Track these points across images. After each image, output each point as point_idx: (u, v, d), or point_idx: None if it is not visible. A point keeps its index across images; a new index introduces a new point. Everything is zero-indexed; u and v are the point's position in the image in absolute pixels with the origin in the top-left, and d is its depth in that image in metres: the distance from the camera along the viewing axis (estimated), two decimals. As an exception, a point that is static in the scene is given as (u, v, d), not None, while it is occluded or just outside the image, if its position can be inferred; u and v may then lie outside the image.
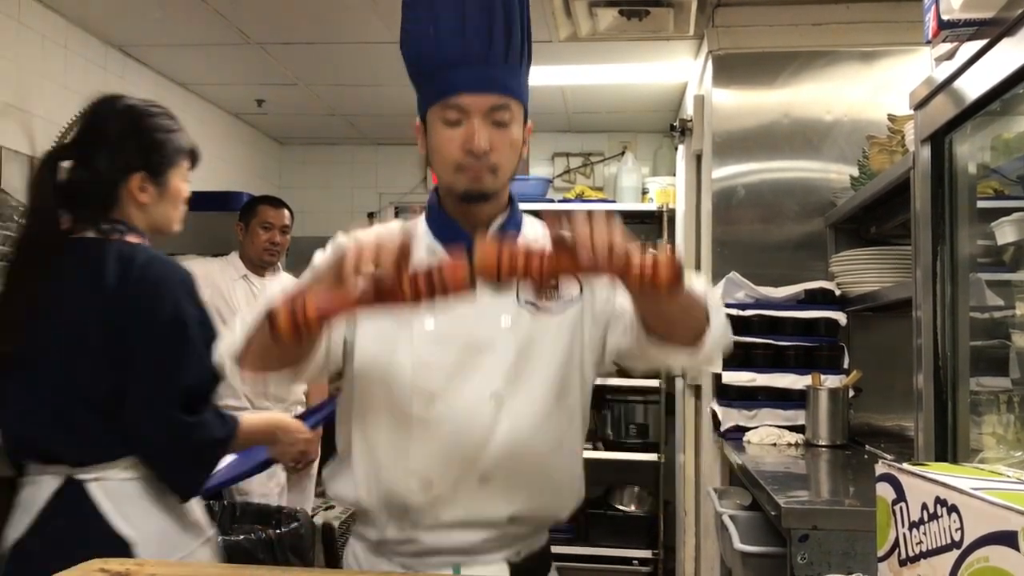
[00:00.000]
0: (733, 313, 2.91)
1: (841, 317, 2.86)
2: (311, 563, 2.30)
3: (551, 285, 1.01)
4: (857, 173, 2.91)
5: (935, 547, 0.67)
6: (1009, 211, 1.67)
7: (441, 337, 1.29)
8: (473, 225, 1.31)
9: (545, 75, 3.99)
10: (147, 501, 1.62)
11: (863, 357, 2.87)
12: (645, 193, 4.70)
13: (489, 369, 1.28)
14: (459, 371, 1.28)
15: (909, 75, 2.85)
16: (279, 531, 2.17)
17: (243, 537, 2.11)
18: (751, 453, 2.60)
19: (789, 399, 2.82)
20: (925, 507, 0.69)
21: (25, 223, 1.74)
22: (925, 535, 0.68)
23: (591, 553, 4.33)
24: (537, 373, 1.30)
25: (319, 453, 3.34)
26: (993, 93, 1.46)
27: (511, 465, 1.28)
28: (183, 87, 4.35)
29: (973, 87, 1.51)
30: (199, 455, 1.66)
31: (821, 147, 3.14)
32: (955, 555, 0.64)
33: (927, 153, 1.75)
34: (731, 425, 2.86)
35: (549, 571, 1.40)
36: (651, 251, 0.99)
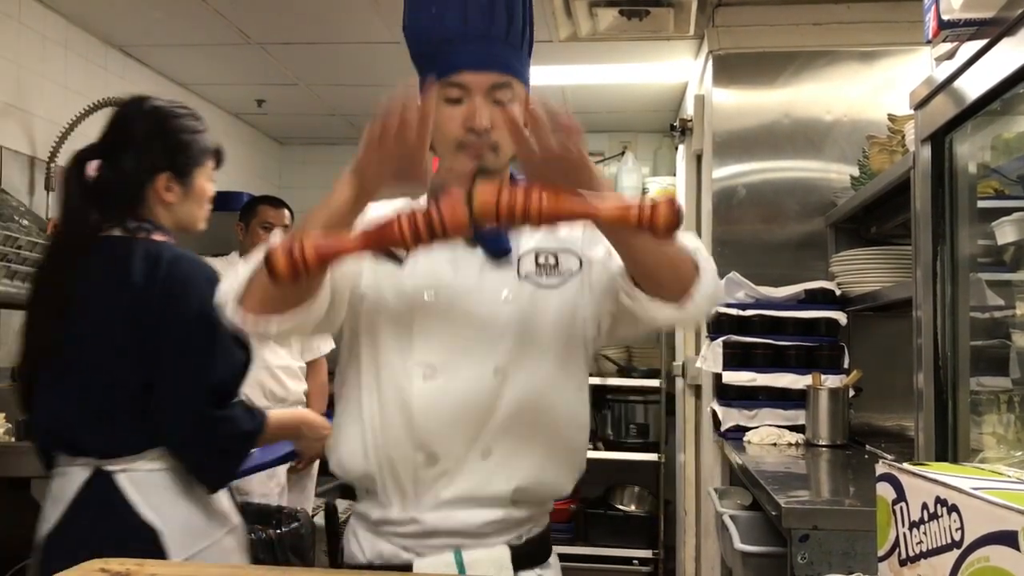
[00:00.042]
0: (734, 313, 2.91)
1: (841, 317, 2.86)
2: (311, 563, 2.30)
3: (550, 228, 1.00)
4: (857, 173, 2.91)
5: (935, 547, 0.67)
6: (1009, 211, 1.67)
7: (442, 310, 1.29)
8: None
9: (545, 75, 3.99)
10: (174, 491, 1.66)
11: (863, 357, 2.87)
12: (645, 193, 4.70)
13: (492, 343, 1.29)
14: (461, 345, 1.28)
15: (909, 75, 2.85)
16: (279, 531, 2.16)
17: (243, 537, 2.11)
18: (751, 453, 2.60)
19: (789, 399, 2.82)
20: (925, 507, 0.69)
21: (57, 222, 1.77)
22: (925, 535, 0.68)
23: (591, 553, 4.33)
24: (540, 347, 1.31)
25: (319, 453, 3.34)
26: (993, 93, 1.46)
27: (514, 438, 1.28)
28: (183, 87, 4.35)
29: (973, 87, 1.51)
30: (228, 448, 1.70)
31: (821, 147, 3.14)
32: (955, 555, 0.64)
33: (927, 153, 1.75)
34: (731, 425, 2.86)
35: (550, 555, 1.40)
36: (650, 197, 0.98)
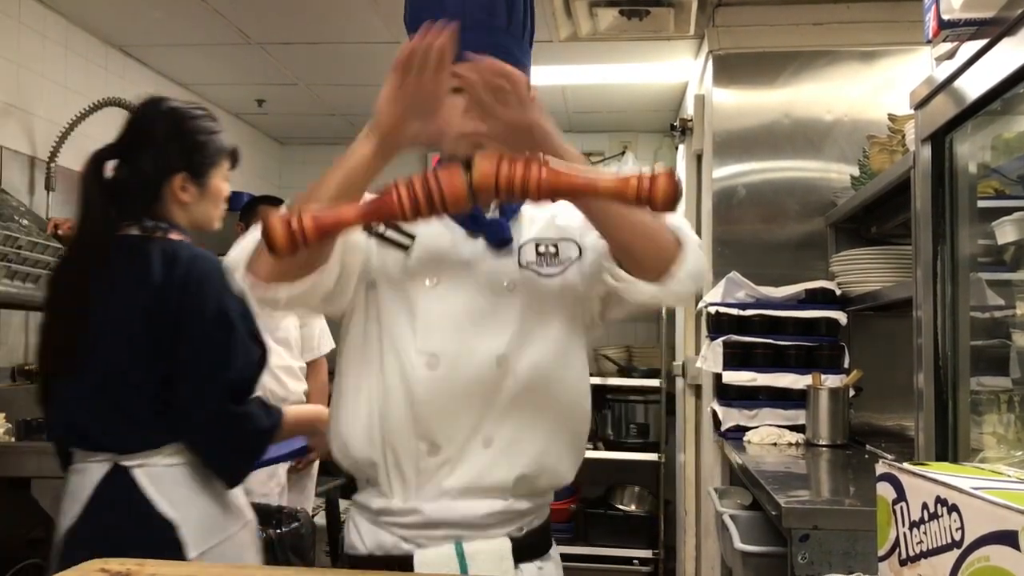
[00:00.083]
0: (734, 313, 2.91)
1: (841, 317, 2.86)
2: (311, 563, 2.30)
3: (549, 201, 0.99)
4: (858, 173, 2.91)
5: (936, 547, 0.67)
6: (1010, 210, 1.67)
7: (444, 299, 1.29)
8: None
9: (545, 75, 3.98)
10: (191, 486, 1.68)
11: (864, 357, 2.87)
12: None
13: (494, 333, 1.29)
14: (463, 334, 1.28)
15: (909, 75, 2.85)
16: (279, 531, 2.17)
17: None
18: (751, 453, 2.60)
19: (789, 399, 2.82)
20: (925, 507, 0.69)
21: (76, 221, 1.79)
22: (925, 535, 0.68)
23: (591, 553, 4.33)
24: (541, 335, 1.31)
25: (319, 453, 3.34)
26: (993, 93, 1.46)
27: (516, 427, 1.29)
28: (183, 87, 4.34)
29: (973, 87, 1.51)
30: (246, 444, 1.72)
31: (822, 147, 3.14)
32: (955, 555, 0.64)
33: (927, 153, 1.75)
34: (731, 425, 2.86)
35: (550, 548, 1.40)
36: (646, 169, 0.97)
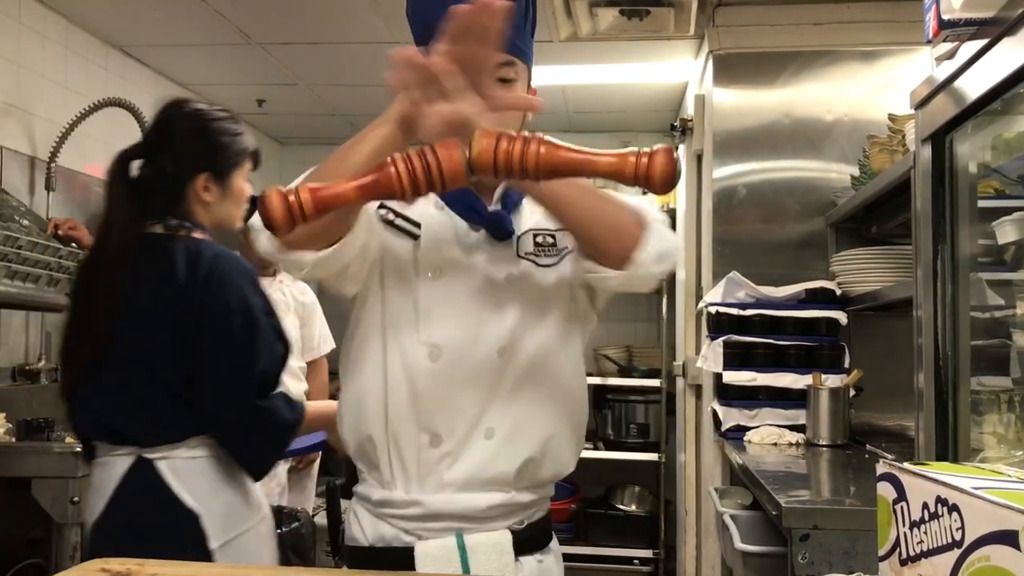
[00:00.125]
0: (734, 313, 2.92)
1: (842, 316, 2.86)
2: (312, 563, 2.30)
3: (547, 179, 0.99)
4: (858, 172, 2.91)
5: (936, 546, 0.67)
6: (1010, 210, 1.67)
7: (445, 290, 1.29)
8: (479, 189, 1.32)
9: (545, 75, 3.99)
10: (213, 478, 1.71)
11: (864, 357, 2.87)
12: (646, 193, 4.68)
13: (495, 324, 1.29)
14: (465, 325, 1.29)
15: (910, 75, 2.85)
16: (280, 531, 2.16)
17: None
18: (752, 453, 2.60)
19: (790, 399, 2.82)
20: (926, 506, 0.69)
21: (101, 219, 1.82)
22: (926, 534, 0.68)
23: (592, 553, 4.33)
24: (541, 325, 1.31)
25: (320, 454, 3.34)
26: (994, 92, 1.46)
27: (517, 417, 1.29)
28: (183, 87, 4.35)
29: (974, 86, 1.51)
30: (272, 437, 1.76)
31: (822, 147, 3.14)
32: (956, 554, 0.64)
33: (928, 152, 1.75)
34: (732, 425, 2.86)
35: (550, 541, 1.40)
36: (645, 149, 0.97)
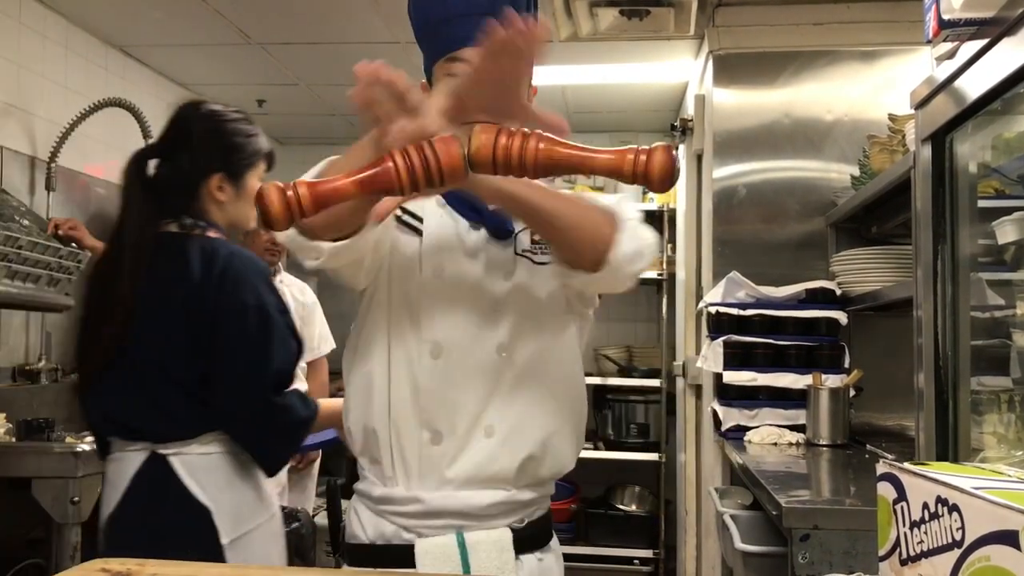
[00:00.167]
0: (734, 313, 2.91)
1: (842, 316, 2.86)
2: (312, 563, 2.30)
3: (546, 177, 0.99)
4: (858, 172, 2.91)
5: (936, 546, 0.67)
6: (1010, 210, 1.67)
7: (446, 288, 1.30)
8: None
9: (545, 75, 3.98)
10: (226, 474, 1.73)
11: (864, 356, 2.87)
12: (646, 193, 4.70)
13: (495, 322, 1.29)
14: (465, 323, 1.29)
15: (910, 75, 2.85)
16: (280, 531, 2.16)
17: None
18: (752, 453, 2.60)
19: (790, 399, 2.82)
20: (926, 506, 0.69)
21: (117, 218, 1.82)
22: (926, 534, 0.68)
23: (592, 553, 4.33)
24: (540, 322, 1.31)
25: (320, 453, 3.34)
26: (994, 92, 1.46)
27: (517, 415, 1.29)
28: (183, 87, 4.34)
29: (974, 86, 1.51)
30: (286, 434, 1.77)
31: (822, 147, 3.14)
32: (956, 554, 0.64)
33: (928, 152, 1.75)
34: (732, 425, 2.86)
35: (551, 539, 1.40)
36: (644, 147, 0.96)
